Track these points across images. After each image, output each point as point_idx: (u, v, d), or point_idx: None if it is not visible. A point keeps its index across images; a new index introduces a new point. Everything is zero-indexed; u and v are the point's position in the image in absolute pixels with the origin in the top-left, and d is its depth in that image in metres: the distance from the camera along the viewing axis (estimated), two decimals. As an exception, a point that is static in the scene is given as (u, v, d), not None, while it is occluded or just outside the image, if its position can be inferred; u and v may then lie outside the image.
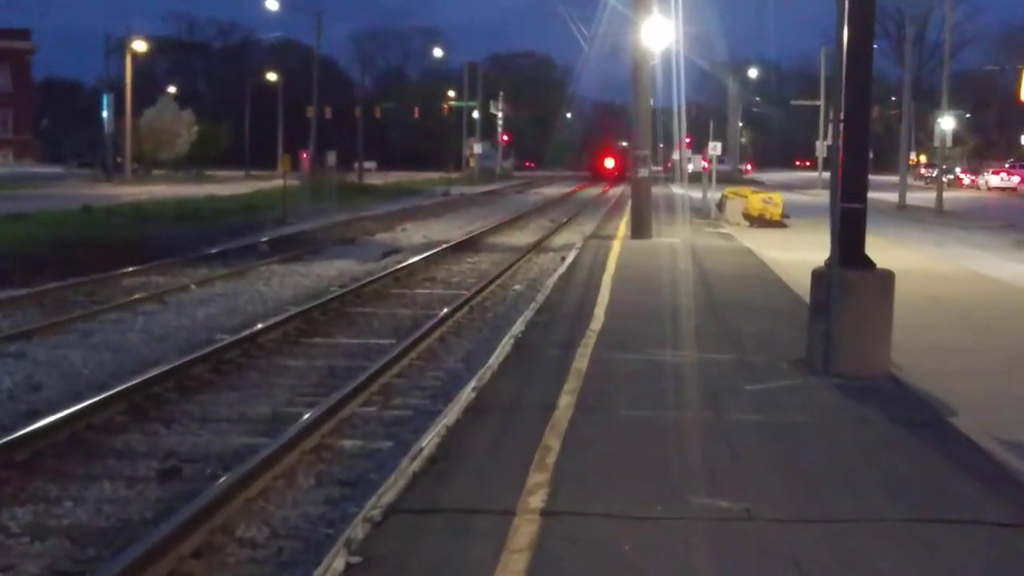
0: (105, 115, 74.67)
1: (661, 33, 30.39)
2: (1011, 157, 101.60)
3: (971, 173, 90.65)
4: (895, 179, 59.78)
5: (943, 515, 7.01)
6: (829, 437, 8.86)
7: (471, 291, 20.07)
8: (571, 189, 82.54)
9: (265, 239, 30.68)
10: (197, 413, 11.40)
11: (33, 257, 23.86)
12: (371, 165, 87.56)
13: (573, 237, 33.01)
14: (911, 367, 11.56)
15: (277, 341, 15.28)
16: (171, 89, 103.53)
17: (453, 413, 9.45)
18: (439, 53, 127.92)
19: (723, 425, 9.17)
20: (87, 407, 10.78)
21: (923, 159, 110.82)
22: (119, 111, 75.48)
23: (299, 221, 38.40)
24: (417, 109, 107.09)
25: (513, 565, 6.11)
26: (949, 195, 54.71)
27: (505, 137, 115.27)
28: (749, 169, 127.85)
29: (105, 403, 11.03)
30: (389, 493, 7.31)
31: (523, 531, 6.61)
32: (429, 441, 8.56)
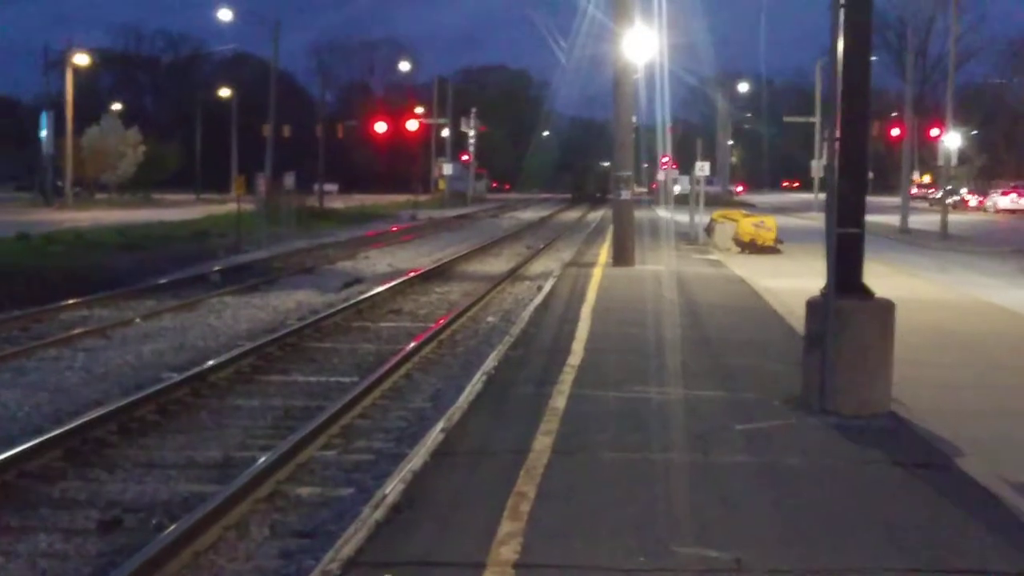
0: (44, 134, 74.54)
1: (644, 45, 30.56)
2: (1021, 177, 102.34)
3: (978, 194, 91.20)
4: (897, 201, 60.14)
5: (948, 565, 7.01)
6: (826, 480, 8.87)
7: (440, 324, 20.03)
8: (549, 212, 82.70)
9: (217, 268, 30.58)
10: (141, 458, 11.32)
11: (-37, 289, 23.72)
12: (332, 187, 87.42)
13: (551, 264, 33.04)
14: (913, 404, 11.59)
15: (229, 379, 15.20)
16: (116, 106, 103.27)
17: (419, 457, 9.41)
18: (406, 67, 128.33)
19: (712, 468, 9.17)
20: (20, 453, 10.67)
21: (927, 179, 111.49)
22: (59, 130, 75.28)
23: (254, 248, 38.34)
24: (383, 127, 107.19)
25: (484, 623, 6.09)
26: (954, 218, 55.03)
27: (471, 157, 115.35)
28: (740, 191, 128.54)
29: (41, 448, 10.94)
30: (349, 545, 7.27)
31: (495, 585, 6.58)
32: (393, 488, 8.53)
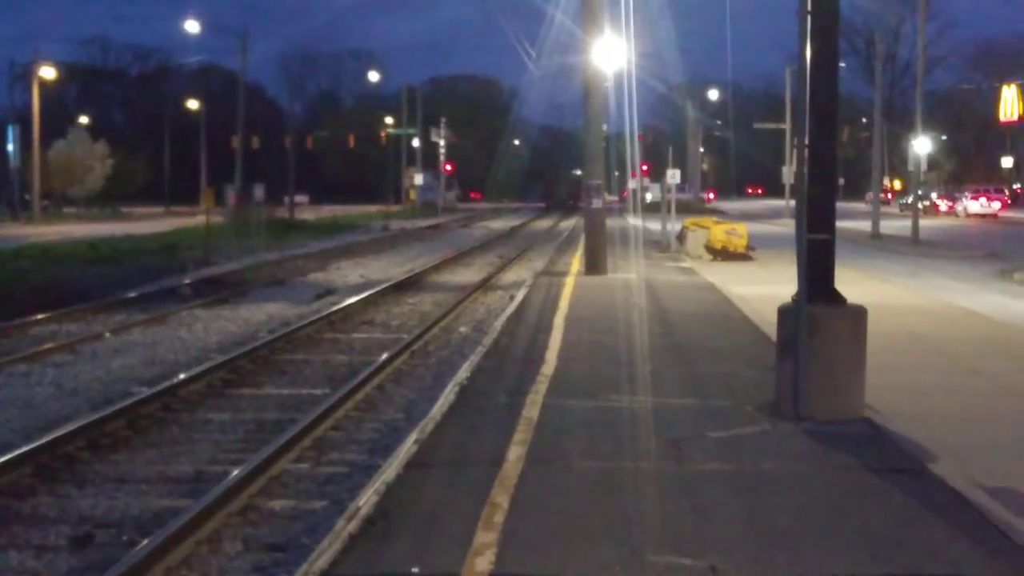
0: (10, 148, 74.04)
1: (614, 54, 30.61)
2: (991, 181, 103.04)
3: (948, 199, 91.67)
4: (867, 207, 60.42)
5: (922, 570, 7.05)
6: (800, 487, 8.89)
7: (412, 335, 20.01)
8: (520, 222, 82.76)
9: (187, 281, 30.49)
10: (112, 473, 11.28)
11: (-70, 305, 23.57)
12: (303, 199, 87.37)
13: (523, 274, 33.07)
14: (887, 409, 11.63)
15: (200, 393, 15.16)
16: (83, 119, 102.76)
17: (393, 469, 9.40)
18: (375, 77, 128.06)
19: (685, 476, 9.19)
20: (-10, 469, 10.63)
21: (897, 184, 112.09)
22: (26, 144, 74.87)
23: (224, 261, 38.24)
24: (352, 137, 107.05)
25: (459, 634, 6.08)
26: (925, 223, 55.37)
27: (448, 167, 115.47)
28: (711, 198, 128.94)
29: (10, 465, 10.88)
30: (323, 558, 7.25)
31: (469, 597, 6.57)
32: (367, 500, 8.52)
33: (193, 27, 69.45)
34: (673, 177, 43.72)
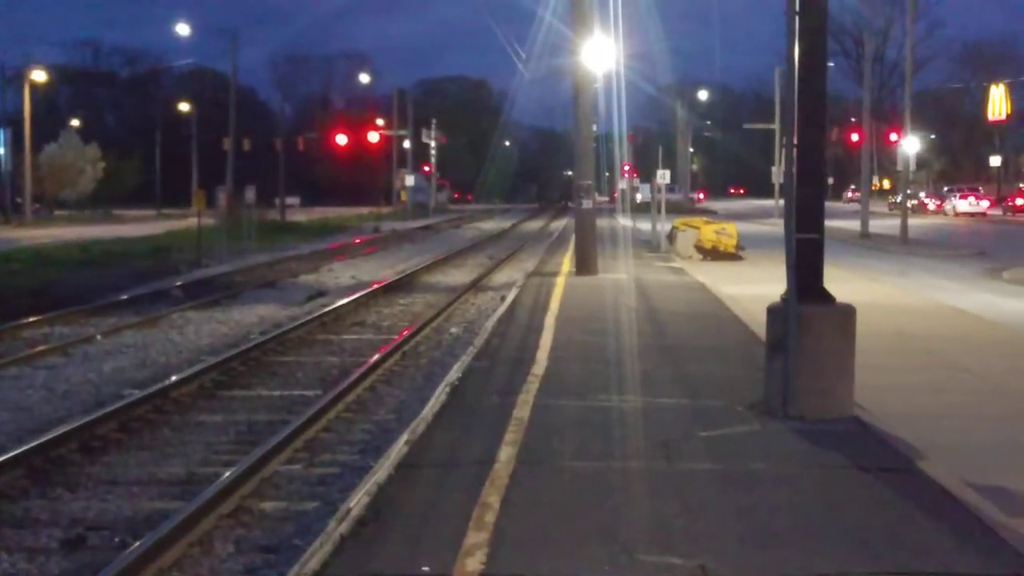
0: (1, 152, 73.97)
1: (604, 55, 30.64)
2: (979, 180, 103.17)
3: (937, 198, 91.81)
4: (857, 206, 60.45)
5: (913, 568, 7.05)
6: (789, 486, 8.90)
7: (403, 336, 20.01)
8: (511, 223, 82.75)
9: (179, 284, 30.44)
10: (104, 476, 11.26)
11: (-78, 308, 23.51)
12: (294, 201, 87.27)
13: (514, 274, 33.06)
14: (876, 408, 11.65)
15: (192, 395, 15.14)
16: (74, 122, 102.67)
17: (384, 469, 9.40)
18: (365, 79, 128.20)
19: (675, 475, 9.19)
20: (-18, 473, 10.60)
21: (886, 184, 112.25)
22: (17, 147, 74.79)
23: (216, 263, 38.19)
24: (343, 139, 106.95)
25: (450, 635, 6.07)
26: (914, 222, 55.36)
27: (428, 167, 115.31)
28: (701, 198, 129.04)
29: (2, 467, 10.85)
30: (314, 559, 7.24)
31: (460, 597, 6.56)
32: (358, 501, 8.51)
33: (184, 30, 69.51)
34: (663, 177, 43.71)
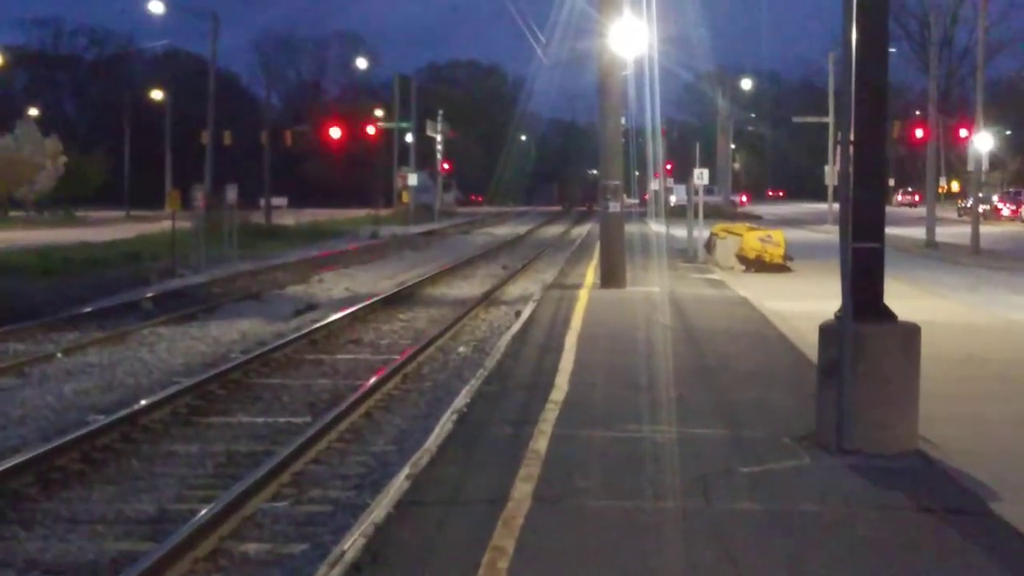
0: (-50, 145, 74.20)
1: (634, 38, 30.60)
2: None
3: (1012, 202, 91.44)
4: (922, 211, 60.31)
5: (984, 624, 7.02)
6: (843, 531, 8.87)
7: (405, 356, 20.02)
8: (528, 228, 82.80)
9: (150, 295, 30.50)
10: (64, 513, 11.27)
11: None
12: (281, 202, 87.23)
13: (530, 287, 33.06)
14: (943, 441, 11.61)
15: (164, 421, 15.16)
16: (32, 111, 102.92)
17: (382, 508, 9.39)
18: (363, 64, 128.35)
19: (714, 517, 9.17)
20: (-75, 508, 10.63)
21: (955, 186, 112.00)
22: (-33, 140, 75.00)
23: (192, 272, 38.26)
24: (337, 132, 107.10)
25: None
26: (987, 229, 55.19)
27: (446, 165, 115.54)
28: (744, 201, 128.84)
29: (-52, 503, 10.88)
30: (302, 609, 7.24)
31: (469, 654, 6.56)
32: (353, 543, 8.51)
33: (157, 7, 69.58)
34: (701, 177, 43.64)
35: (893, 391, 11.08)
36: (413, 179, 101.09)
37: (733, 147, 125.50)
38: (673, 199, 57.05)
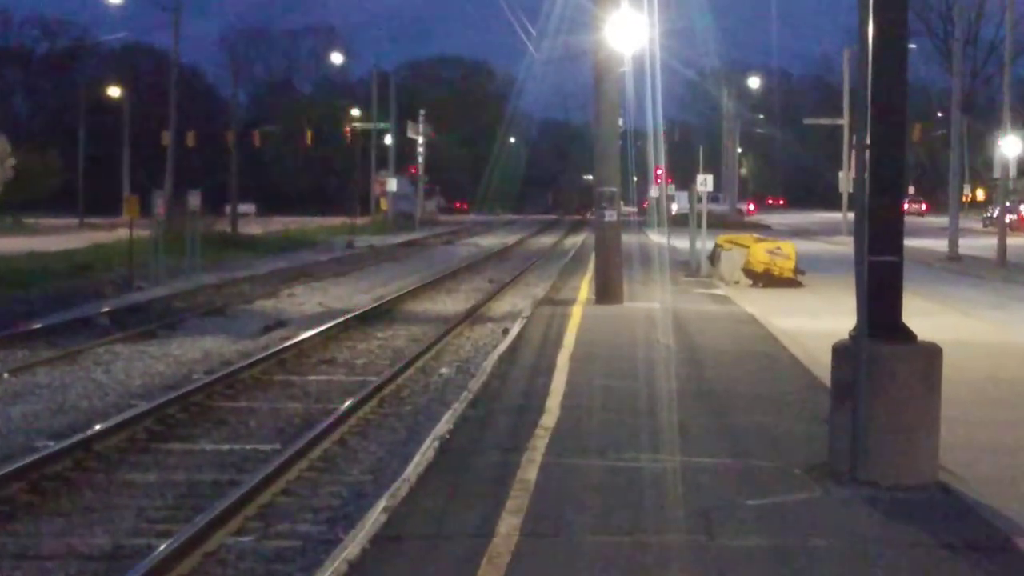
0: None
1: (633, 32, 30.59)
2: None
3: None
4: (944, 221, 60.35)
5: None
6: (859, 568, 8.88)
7: (383, 377, 20.00)
8: (517, 238, 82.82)
9: (105, 310, 30.43)
10: (11, 548, 11.23)
11: None
12: (248, 209, 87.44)
13: (519, 302, 33.06)
14: (966, 471, 11.63)
15: (120, 448, 15.11)
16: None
17: (356, 543, 9.39)
18: (338, 59, 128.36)
19: (718, 554, 9.17)
20: None
21: (980, 194, 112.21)
22: (-93, 140, 74.83)
23: (151, 285, 38.19)
24: (310, 134, 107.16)
25: None
26: (1015, 241, 55.23)
27: (417, 170, 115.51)
28: (751, 210, 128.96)
29: None
30: (269, 654, 7.23)
31: None
32: (324, 582, 8.50)
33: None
34: (704, 184, 43.67)
35: (912, 417, 11.08)
36: (392, 185, 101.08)
37: (740, 151, 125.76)
38: (675, 207, 57.06)
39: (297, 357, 23.01)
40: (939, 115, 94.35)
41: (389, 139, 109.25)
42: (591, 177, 37.83)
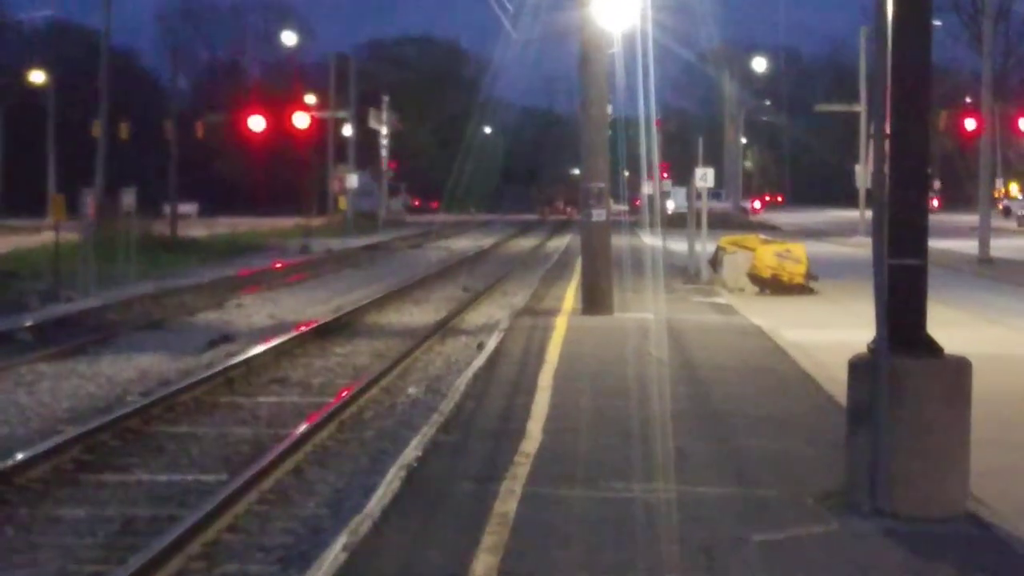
0: None
1: (623, 7, 30.60)
2: None
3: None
4: (974, 219, 60.47)
5: None
6: (879, 610, 8.90)
7: (341, 398, 20.00)
8: (494, 240, 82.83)
9: (28, 323, 30.37)
10: (-80, 594, 11.23)
11: None
12: (190, 209, 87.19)
13: (496, 313, 33.08)
14: (999, 501, 11.64)
15: (45, 480, 15.09)
16: None
17: (313, 586, 9.38)
18: (291, 39, 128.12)
19: (721, 595, 9.19)
20: None
21: (1014, 189, 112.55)
22: None
23: (80, 295, 38.09)
24: (259, 123, 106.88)
25: None
26: (1051, 242, 55.38)
27: (391, 164, 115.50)
28: (757, 208, 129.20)
29: None
30: None
31: None
32: (276, 630, 8.49)
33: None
34: (704, 179, 43.68)
35: (938, 440, 11.09)
36: (352, 181, 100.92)
37: (744, 141, 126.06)
38: (671, 205, 57.10)
39: (245, 376, 22.99)
40: (968, 100, 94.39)
41: (349, 129, 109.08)
42: (577, 172, 37.81)
